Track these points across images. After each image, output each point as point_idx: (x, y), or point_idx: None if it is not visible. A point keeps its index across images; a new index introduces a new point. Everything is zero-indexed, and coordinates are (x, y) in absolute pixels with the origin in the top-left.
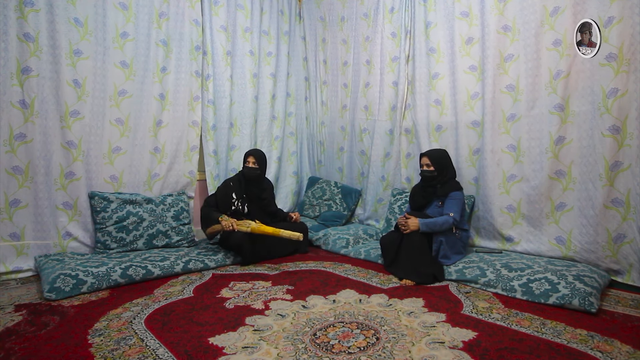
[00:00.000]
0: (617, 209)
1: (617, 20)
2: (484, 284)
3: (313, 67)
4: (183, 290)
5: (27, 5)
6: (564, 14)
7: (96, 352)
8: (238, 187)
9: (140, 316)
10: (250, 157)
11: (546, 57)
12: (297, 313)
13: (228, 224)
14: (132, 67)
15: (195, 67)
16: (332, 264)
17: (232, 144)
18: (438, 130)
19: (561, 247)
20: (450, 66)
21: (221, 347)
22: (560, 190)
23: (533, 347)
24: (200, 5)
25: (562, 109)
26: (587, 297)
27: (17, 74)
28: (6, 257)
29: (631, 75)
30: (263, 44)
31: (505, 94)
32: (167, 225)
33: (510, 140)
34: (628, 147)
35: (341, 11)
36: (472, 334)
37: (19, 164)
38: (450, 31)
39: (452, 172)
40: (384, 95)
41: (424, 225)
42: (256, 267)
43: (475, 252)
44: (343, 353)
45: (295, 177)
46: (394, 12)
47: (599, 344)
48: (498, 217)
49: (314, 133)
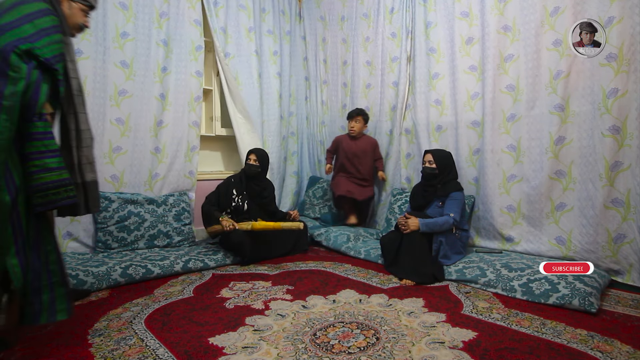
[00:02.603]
0: (617, 209)
1: (617, 20)
2: (484, 284)
3: (313, 66)
4: (183, 290)
5: None
6: (564, 14)
7: (96, 352)
8: (239, 184)
9: (140, 316)
10: (252, 155)
11: (546, 57)
12: (297, 313)
13: (228, 224)
14: (132, 67)
15: (195, 67)
16: (332, 264)
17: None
18: (438, 130)
19: (561, 247)
20: (450, 66)
21: (221, 347)
22: (561, 190)
23: (533, 347)
24: (200, 6)
25: (562, 109)
26: (587, 297)
27: None
28: None
29: (631, 75)
30: (268, 43)
31: (505, 94)
32: (168, 225)
33: (510, 140)
34: (628, 147)
35: (341, 11)
36: (472, 334)
37: None
38: (450, 31)
39: (454, 173)
40: (384, 95)
41: (424, 225)
42: (256, 267)
43: (475, 252)
44: (343, 353)
45: (295, 177)
46: (394, 12)
47: (599, 344)
48: (498, 217)
49: (314, 133)
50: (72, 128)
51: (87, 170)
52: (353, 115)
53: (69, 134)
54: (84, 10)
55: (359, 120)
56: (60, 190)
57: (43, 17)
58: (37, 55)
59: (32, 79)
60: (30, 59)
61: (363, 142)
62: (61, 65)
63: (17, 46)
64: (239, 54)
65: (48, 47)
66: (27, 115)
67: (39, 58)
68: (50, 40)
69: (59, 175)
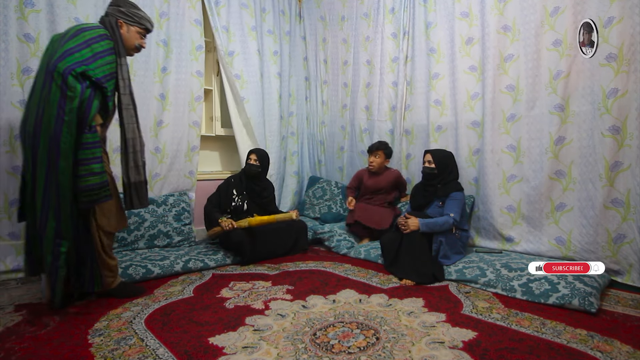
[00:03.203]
0: (617, 209)
1: (617, 20)
2: (484, 284)
3: (313, 66)
4: (183, 290)
5: (27, 5)
6: (564, 14)
7: (96, 352)
8: (239, 184)
9: (140, 316)
10: (253, 155)
11: (546, 57)
12: (297, 313)
13: (227, 223)
14: (132, 67)
15: (196, 66)
16: (332, 264)
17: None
18: (438, 130)
19: (561, 247)
20: (450, 66)
21: (221, 347)
22: (560, 190)
23: (533, 347)
24: (200, 5)
25: (562, 109)
26: (587, 297)
27: (17, 74)
28: (6, 257)
29: (631, 75)
30: (269, 43)
31: (505, 94)
32: (168, 225)
33: (510, 140)
34: (628, 147)
35: (341, 10)
36: (472, 334)
37: (19, 164)
38: (450, 31)
39: (454, 174)
40: (384, 95)
41: (424, 225)
42: (256, 267)
43: (475, 252)
44: (343, 353)
45: (296, 177)
46: (394, 12)
47: (599, 344)
48: (498, 217)
49: (314, 133)
50: (122, 136)
51: (132, 173)
52: (373, 149)
53: (121, 141)
54: (140, 33)
55: (379, 155)
56: (101, 191)
57: (99, 42)
58: (90, 76)
59: (85, 96)
60: (84, 79)
61: (384, 178)
62: (111, 83)
63: (73, 69)
64: (243, 52)
65: (100, 68)
66: (80, 127)
67: (91, 78)
68: (102, 62)
69: (100, 178)
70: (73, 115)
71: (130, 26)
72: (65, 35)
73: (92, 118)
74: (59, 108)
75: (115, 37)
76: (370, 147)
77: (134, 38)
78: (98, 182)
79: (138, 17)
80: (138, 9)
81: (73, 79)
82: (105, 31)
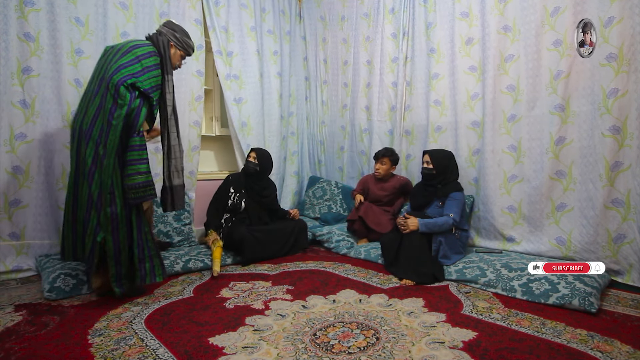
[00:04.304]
0: (617, 209)
1: (617, 20)
2: (484, 284)
3: (313, 66)
4: (183, 290)
5: (27, 4)
6: (564, 14)
7: (96, 352)
8: (237, 182)
9: (140, 316)
10: (252, 153)
11: (546, 58)
12: (297, 313)
13: (209, 239)
14: None
15: (196, 66)
16: (332, 264)
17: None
18: (438, 130)
19: (561, 247)
20: (450, 67)
21: (221, 347)
22: (561, 190)
23: (533, 347)
24: (200, 5)
25: (562, 109)
26: (587, 297)
27: (17, 74)
28: (6, 257)
29: (631, 75)
30: (269, 43)
31: (505, 94)
32: (168, 225)
33: (510, 140)
34: (628, 148)
35: (341, 10)
36: (472, 334)
37: (19, 164)
38: (451, 32)
39: (454, 174)
40: (384, 95)
41: (424, 225)
42: (256, 267)
43: (475, 252)
44: (343, 353)
45: (296, 176)
46: (394, 12)
47: (599, 344)
48: (499, 217)
49: (314, 132)
50: (165, 143)
51: (174, 177)
52: (379, 156)
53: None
54: (182, 56)
55: (385, 162)
56: (147, 189)
57: (149, 58)
58: (139, 87)
59: (134, 105)
60: (134, 90)
61: (390, 185)
62: (157, 94)
63: (125, 81)
64: (242, 52)
65: (147, 80)
66: (130, 132)
67: (140, 89)
68: (150, 75)
69: (146, 178)
70: (120, 120)
71: (178, 50)
72: (119, 51)
73: (141, 124)
74: (109, 114)
75: (163, 55)
76: (377, 154)
77: (176, 59)
78: (144, 180)
79: (187, 45)
80: (189, 38)
81: (124, 89)
82: (153, 48)
